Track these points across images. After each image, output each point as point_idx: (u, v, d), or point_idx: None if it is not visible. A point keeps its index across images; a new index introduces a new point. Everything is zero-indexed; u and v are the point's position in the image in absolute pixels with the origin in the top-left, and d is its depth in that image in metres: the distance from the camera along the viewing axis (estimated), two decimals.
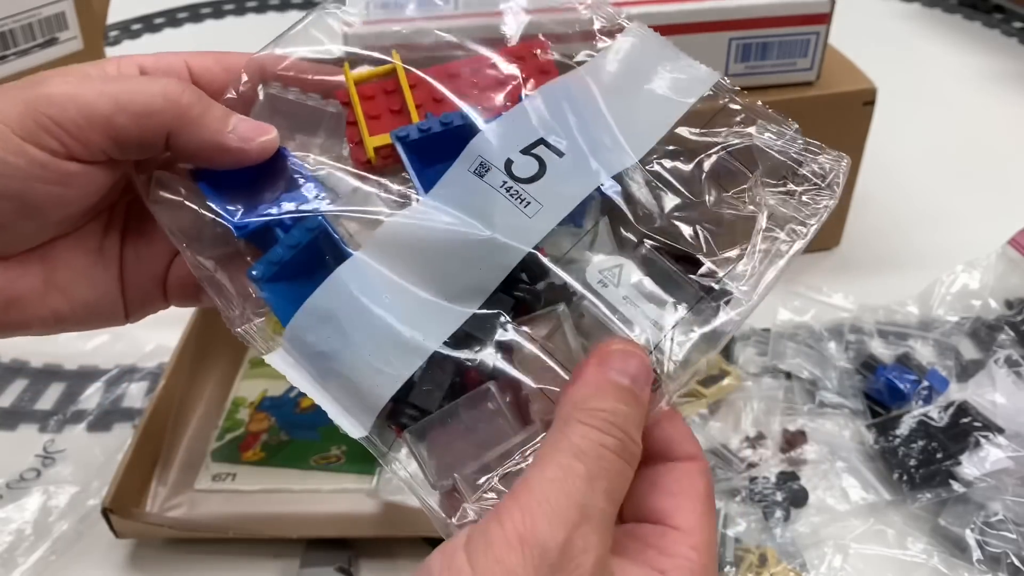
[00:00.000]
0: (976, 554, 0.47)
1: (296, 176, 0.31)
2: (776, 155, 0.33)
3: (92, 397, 0.61)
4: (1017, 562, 0.47)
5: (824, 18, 0.59)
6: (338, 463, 0.53)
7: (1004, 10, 1.06)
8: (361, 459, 0.53)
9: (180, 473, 0.54)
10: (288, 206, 0.30)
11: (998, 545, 0.47)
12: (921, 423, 0.53)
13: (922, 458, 0.51)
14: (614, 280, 0.29)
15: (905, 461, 0.51)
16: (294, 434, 0.55)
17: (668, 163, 0.32)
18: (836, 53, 0.65)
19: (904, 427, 0.53)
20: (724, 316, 0.30)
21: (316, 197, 0.30)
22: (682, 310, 0.29)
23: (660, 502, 0.25)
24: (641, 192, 0.31)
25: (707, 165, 0.32)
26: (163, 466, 0.54)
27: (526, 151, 0.31)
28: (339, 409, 0.29)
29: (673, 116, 0.33)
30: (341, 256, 0.29)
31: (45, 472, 0.56)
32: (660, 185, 0.32)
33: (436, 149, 0.31)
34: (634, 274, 0.30)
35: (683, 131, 0.33)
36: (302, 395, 0.58)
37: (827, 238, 0.72)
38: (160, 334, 0.65)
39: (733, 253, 0.30)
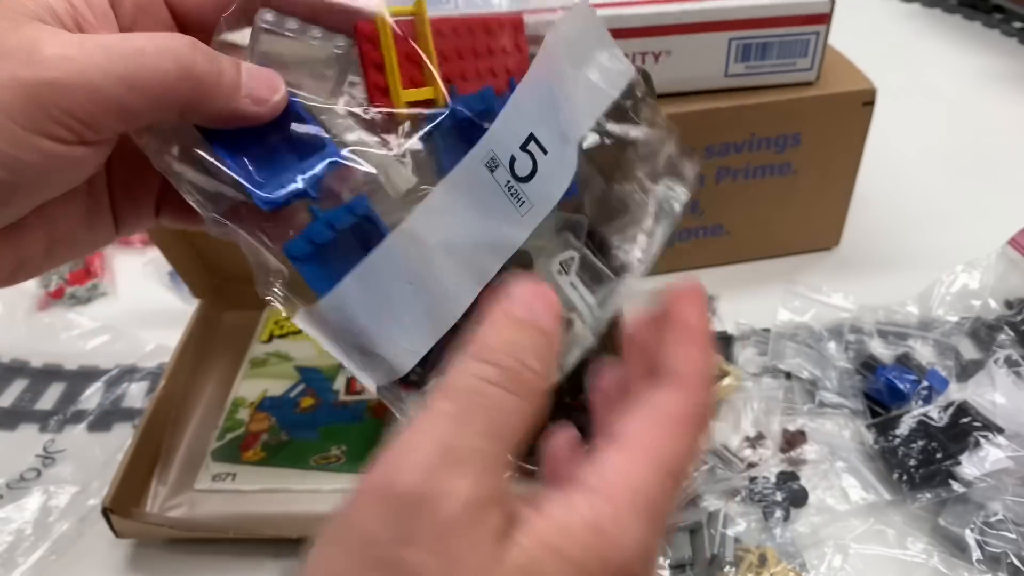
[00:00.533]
0: (976, 554, 0.47)
1: (312, 130, 0.29)
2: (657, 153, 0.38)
3: (92, 397, 0.61)
4: (1017, 562, 0.47)
5: (824, 18, 0.59)
6: (338, 463, 0.53)
7: (1004, 10, 1.06)
8: (361, 459, 0.53)
9: (180, 473, 0.54)
10: (314, 171, 0.29)
11: (998, 545, 0.47)
12: (921, 423, 0.53)
13: (922, 458, 0.51)
14: (567, 269, 0.34)
15: (905, 461, 0.51)
16: (294, 434, 0.55)
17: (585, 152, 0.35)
18: (836, 53, 0.65)
19: (904, 427, 0.53)
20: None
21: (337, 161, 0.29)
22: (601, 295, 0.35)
23: (616, 423, 0.23)
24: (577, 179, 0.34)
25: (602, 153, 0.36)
26: (163, 466, 0.54)
27: (523, 147, 0.31)
28: (358, 367, 0.30)
29: (602, 106, 0.35)
30: (377, 237, 0.29)
31: (45, 472, 0.56)
32: (590, 172, 0.35)
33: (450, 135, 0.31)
34: (575, 264, 0.34)
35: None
36: (302, 395, 0.58)
37: (827, 238, 0.72)
38: (160, 334, 0.65)
39: (633, 233, 0.37)
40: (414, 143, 0.30)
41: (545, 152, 0.32)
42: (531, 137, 0.31)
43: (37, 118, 0.23)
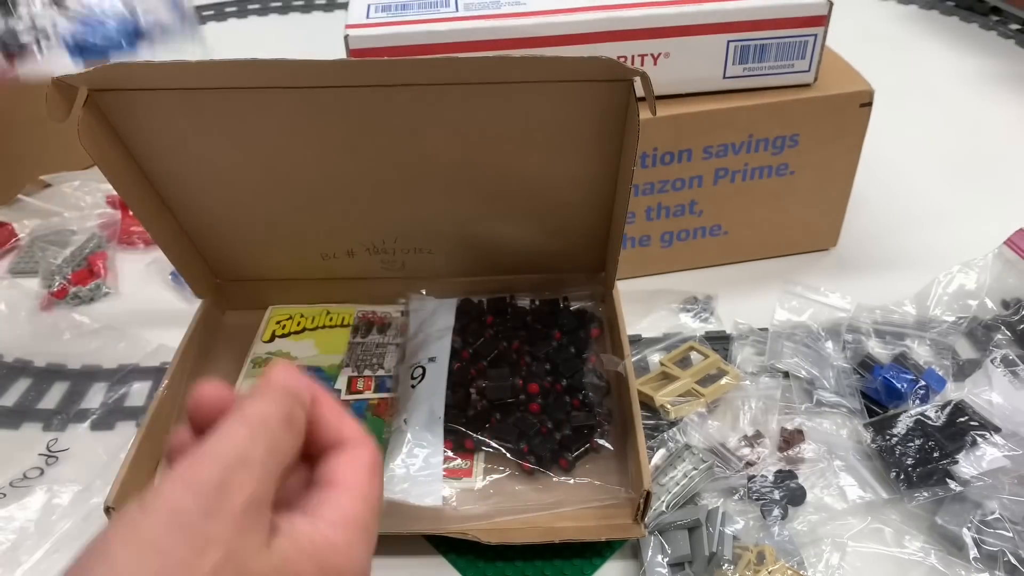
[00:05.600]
0: (973, 552, 0.48)
1: None
2: None
3: (95, 396, 0.61)
4: (1014, 560, 0.47)
5: (822, 20, 0.60)
6: None
7: (1001, 12, 1.06)
8: None
9: None
10: None
11: (994, 543, 0.48)
12: (918, 422, 0.53)
13: (919, 457, 0.52)
14: None
15: (902, 460, 0.52)
16: None
17: None
18: (834, 55, 0.66)
19: (901, 426, 0.53)
20: None
21: None
22: None
23: (327, 473, 0.30)
24: None
25: None
26: (166, 465, 0.54)
27: None
28: None
29: None
30: None
31: (48, 471, 0.56)
32: None
33: None
34: None
35: None
36: None
37: (825, 238, 0.72)
38: (163, 334, 0.65)
39: None
40: None
41: None
42: None
43: None
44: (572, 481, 0.52)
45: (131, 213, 0.63)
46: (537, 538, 0.49)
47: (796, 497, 0.51)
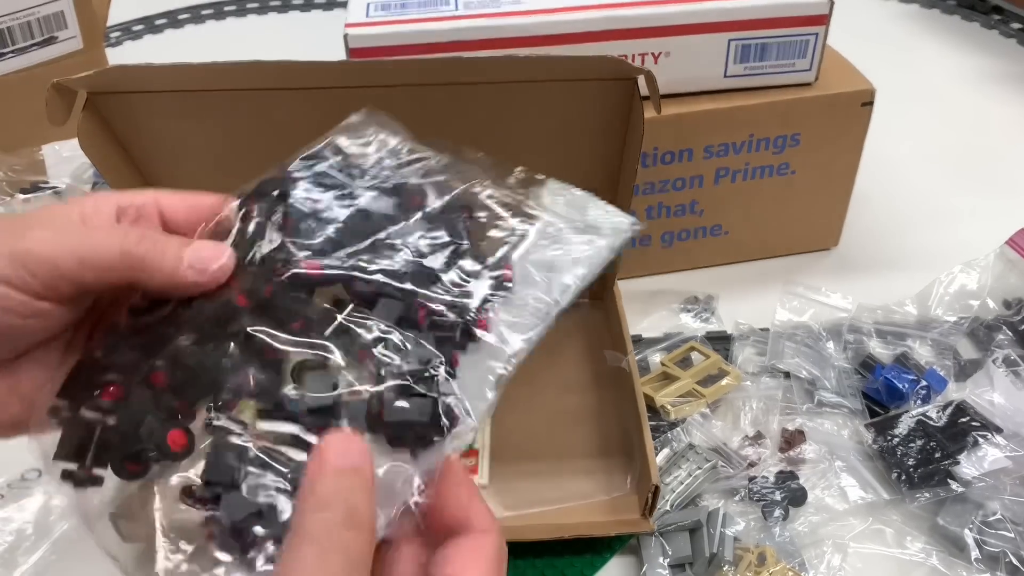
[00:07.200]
0: (974, 553, 0.48)
1: None
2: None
3: None
4: (1015, 561, 0.47)
5: (823, 19, 0.59)
6: None
7: (1002, 11, 1.06)
8: None
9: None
10: None
11: (996, 544, 0.48)
12: (919, 423, 0.53)
13: (920, 457, 0.51)
14: None
15: (903, 460, 0.51)
16: None
17: None
18: (835, 54, 0.65)
19: (902, 427, 0.53)
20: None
21: None
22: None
23: (447, 569, 0.27)
24: None
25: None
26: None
27: None
28: None
29: None
30: None
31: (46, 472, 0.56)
32: None
33: None
34: None
35: None
36: None
37: (826, 238, 0.72)
38: None
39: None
40: None
41: None
42: None
43: (10, 274, 0.30)
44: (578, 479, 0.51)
45: None
46: (545, 535, 0.49)
47: (797, 498, 0.51)
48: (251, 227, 0.34)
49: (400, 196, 0.35)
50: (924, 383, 0.56)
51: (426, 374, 0.29)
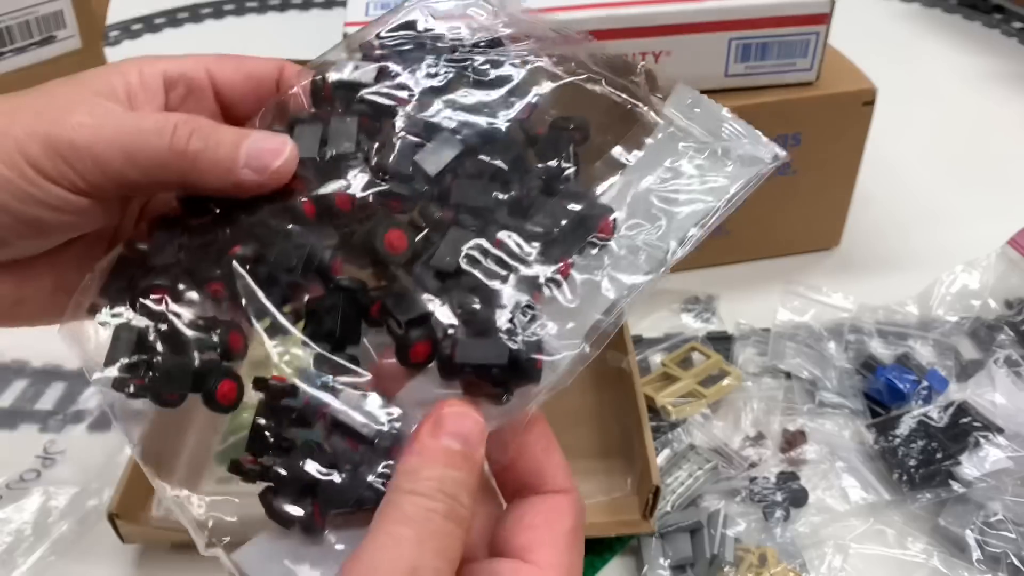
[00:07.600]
0: (976, 554, 0.47)
1: None
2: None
3: (93, 397, 0.61)
4: (1017, 562, 0.47)
5: (824, 18, 0.59)
6: None
7: (1004, 10, 1.06)
8: None
9: (184, 477, 0.54)
10: None
11: (998, 545, 0.47)
12: (921, 423, 0.53)
13: (922, 458, 0.51)
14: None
15: (905, 461, 0.51)
16: None
17: None
18: (836, 53, 0.65)
19: (904, 427, 0.53)
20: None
21: None
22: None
23: (521, 536, 0.26)
24: None
25: None
26: (167, 470, 0.54)
27: None
28: None
29: None
30: None
31: (45, 472, 0.56)
32: None
33: None
34: None
35: None
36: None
37: (827, 238, 0.72)
38: None
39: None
40: None
41: None
42: None
43: (46, 164, 0.27)
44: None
45: None
46: None
47: (798, 499, 0.51)
48: (329, 119, 0.30)
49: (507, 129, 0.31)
50: (925, 383, 0.56)
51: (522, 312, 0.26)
